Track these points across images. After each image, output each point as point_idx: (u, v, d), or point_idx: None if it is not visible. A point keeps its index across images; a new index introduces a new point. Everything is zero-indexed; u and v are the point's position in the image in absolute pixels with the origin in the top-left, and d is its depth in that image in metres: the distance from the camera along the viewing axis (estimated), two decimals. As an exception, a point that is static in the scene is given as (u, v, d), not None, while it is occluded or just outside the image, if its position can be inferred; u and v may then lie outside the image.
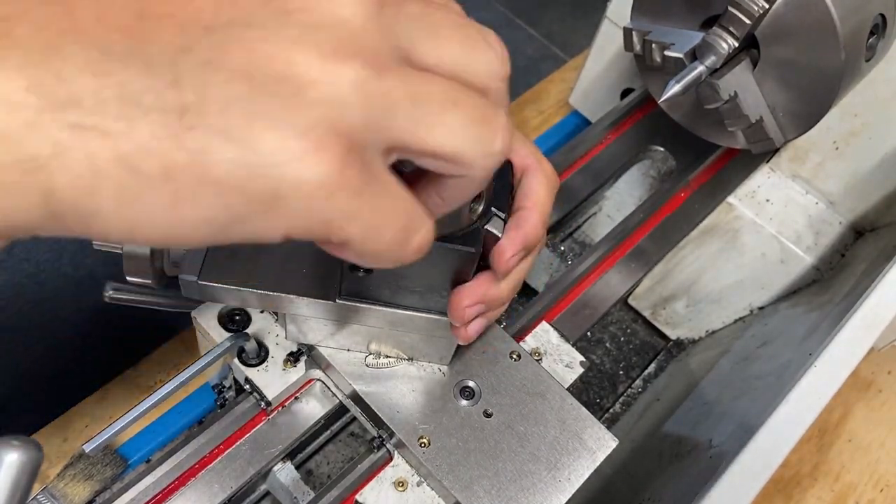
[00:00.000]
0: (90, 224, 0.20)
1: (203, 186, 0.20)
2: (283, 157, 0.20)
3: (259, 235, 0.21)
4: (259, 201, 0.20)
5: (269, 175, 0.20)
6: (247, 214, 0.21)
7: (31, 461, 0.31)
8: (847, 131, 0.61)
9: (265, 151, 0.20)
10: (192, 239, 0.21)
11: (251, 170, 0.20)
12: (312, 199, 0.21)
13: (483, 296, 0.37)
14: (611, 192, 0.72)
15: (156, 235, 0.20)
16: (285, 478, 0.45)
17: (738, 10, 0.44)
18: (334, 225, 0.22)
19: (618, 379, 0.70)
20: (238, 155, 0.20)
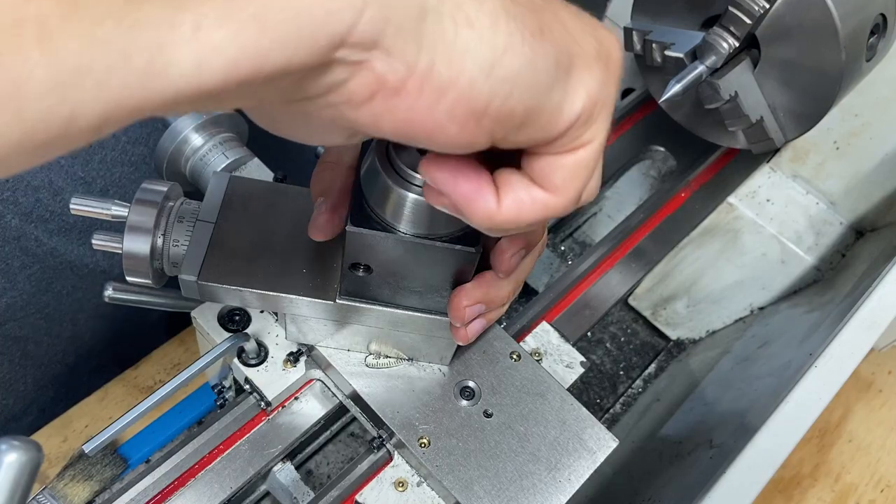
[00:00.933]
0: (460, 32, 0.21)
1: (556, 24, 0.24)
2: (599, 28, 0.26)
3: (573, 89, 0.25)
4: (586, 52, 0.25)
5: (596, 37, 0.25)
6: (574, 64, 0.24)
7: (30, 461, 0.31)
8: (848, 131, 0.61)
9: (585, 20, 0.25)
10: (538, 81, 0.23)
11: (585, 25, 0.25)
12: (611, 68, 0.26)
13: (483, 296, 0.37)
14: (611, 192, 0.72)
15: (519, 60, 0.22)
16: (285, 478, 0.44)
17: (738, 9, 0.44)
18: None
19: (618, 379, 0.70)
20: (575, 15, 0.25)
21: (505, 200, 0.27)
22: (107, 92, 0.17)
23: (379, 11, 0.20)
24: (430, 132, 0.23)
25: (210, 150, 0.49)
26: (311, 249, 0.39)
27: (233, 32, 0.18)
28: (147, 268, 0.40)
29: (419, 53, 0.21)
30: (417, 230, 0.33)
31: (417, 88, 0.22)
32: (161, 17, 0.17)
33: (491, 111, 0.23)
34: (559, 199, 0.27)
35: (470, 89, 0.22)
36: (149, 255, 0.39)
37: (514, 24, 0.22)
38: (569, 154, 0.26)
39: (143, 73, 0.18)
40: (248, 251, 0.39)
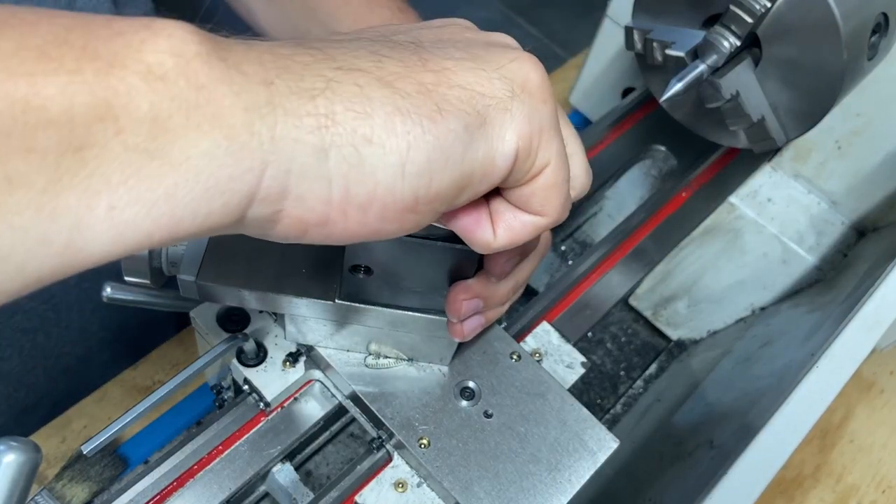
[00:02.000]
0: (363, 153, 0.23)
1: (454, 90, 0.25)
2: (504, 61, 0.26)
3: (498, 137, 0.26)
4: (497, 98, 0.26)
5: (503, 76, 0.26)
6: (489, 115, 0.25)
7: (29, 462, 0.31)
8: (849, 131, 0.61)
9: (488, 60, 0.26)
10: (453, 156, 0.25)
11: (486, 72, 0.26)
12: (534, 94, 0.26)
13: (481, 292, 0.37)
14: (612, 192, 0.71)
15: (426, 150, 0.24)
16: (284, 479, 0.44)
17: (739, 8, 0.44)
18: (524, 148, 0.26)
19: (619, 379, 0.70)
20: (473, 66, 0.26)
21: (498, 230, 0.29)
22: (27, 271, 0.19)
23: (279, 167, 0.22)
24: (375, 234, 0.25)
25: (209, 149, 0.48)
26: (310, 249, 0.39)
27: (146, 209, 0.20)
28: (146, 268, 0.40)
29: (330, 188, 0.23)
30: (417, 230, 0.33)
31: (342, 214, 0.24)
32: (78, 203, 0.19)
33: (421, 200, 0.25)
34: (546, 218, 0.29)
35: (391, 195, 0.24)
36: (147, 255, 0.39)
37: (410, 120, 0.24)
38: (532, 182, 0.28)
39: (62, 253, 0.20)
40: (248, 251, 0.38)
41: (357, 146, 0.23)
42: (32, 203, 0.19)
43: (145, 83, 0.19)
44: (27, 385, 0.61)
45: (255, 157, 0.21)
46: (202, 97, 0.20)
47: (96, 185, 0.19)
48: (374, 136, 0.23)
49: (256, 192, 0.22)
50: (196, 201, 0.21)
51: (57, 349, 0.62)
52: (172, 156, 0.20)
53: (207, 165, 0.21)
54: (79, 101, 0.19)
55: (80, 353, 0.64)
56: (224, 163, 0.21)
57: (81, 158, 0.19)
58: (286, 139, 0.22)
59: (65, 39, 0.19)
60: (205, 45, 0.21)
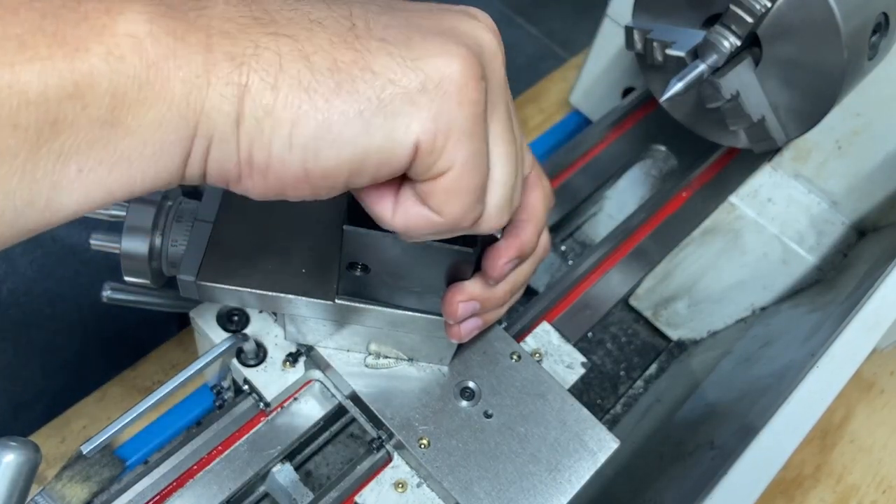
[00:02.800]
0: (262, 124, 0.25)
1: (364, 73, 0.26)
2: (429, 55, 0.27)
3: (398, 127, 0.26)
4: (405, 89, 0.26)
5: (420, 68, 0.26)
6: (393, 105, 0.26)
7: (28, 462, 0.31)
8: (850, 130, 0.61)
9: (416, 49, 0.27)
10: (341, 136, 0.26)
11: (403, 61, 0.26)
12: (449, 94, 0.26)
13: (478, 294, 0.37)
14: (612, 192, 0.71)
15: (312, 126, 0.25)
16: (284, 479, 0.44)
17: (740, 8, 0.44)
18: (455, 124, 0.27)
19: (619, 380, 0.70)
20: (396, 52, 0.26)
21: (397, 211, 0.30)
22: (17, 226, 0.24)
23: (205, 133, 0.25)
24: (282, 195, 0.28)
25: (209, 149, 0.48)
26: (309, 249, 0.39)
27: (107, 170, 0.24)
28: (145, 268, 0.40)
29: (238, 152, 0.26)
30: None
31: (248, 175, 0.27)
32: (53, 168, 0.23)
33: (311, 173, 0.27)
34: (443, 219, 0.29)
35: (282, 163, 0.26)
36: (147, 256, 0.39)
37: (306, 96, 0.25)
38: (434, 181, 0.28)
39: (44, 209, 0.24)
40: (247, 251, 0.38)
41: (259, 118, 0.25)
42: (18, 170, 0.23)
43: (105, 64, 0.23)
44: (23, 380, 0.61)
45: (189, 125, 0.25)
46: (151, 73, 0.24)
47: (68, 151, 0.23)
48: (273, 108, 0.25)
49: (190, 154, 0.26)
50: (146, 162, 0.25)
51: (53, 344, 0.62)
52: (126, 125, 0.24)
53: (153, 133, 0.24)
54: (52, 83, 0.22)
55: (76, 349, 0.64)
56: (166, 131, 0.24)
57: (56, 131, 0.23)
58: (212, 109, 0.25)
59: (39, 27, 0.22)
60: (156, 24, 0.24)
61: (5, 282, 0.56)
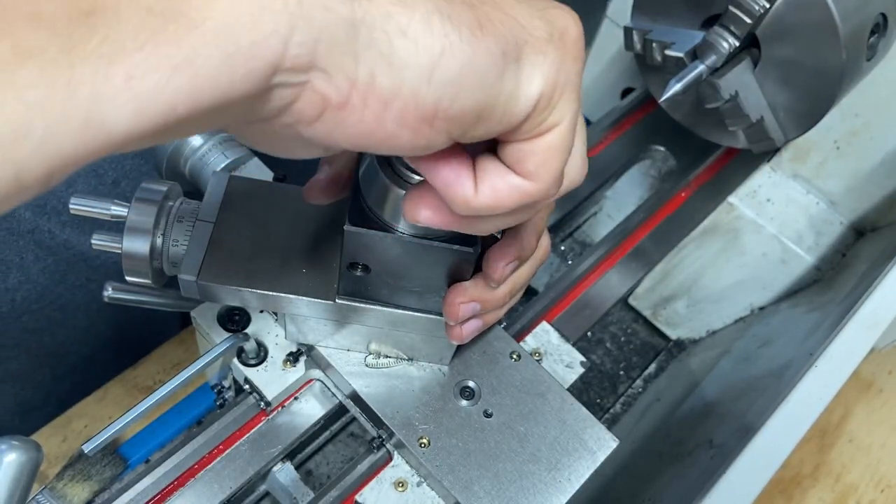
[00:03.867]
0: (395, 43, 0.21)
1: (498, 13, 0.23)
2: (550, 6, 0.25)
3: (526, 76, 0.24)
4: (535, 36, 0.24)
5: (546, 17, 0.25)
6: (524, 51, 0.24)
7: (30, 461, 0.31)
8: (848, 131, 0.61)
9: (538, 2, 0.25)
10: (484, 77, 0.23)
11: (531, 8, 0.25)
12: (569, 47, 0.25)
13: (478, 295, 0.37)
14: (611, 192, 0.71)
15: (459, 60, 0.22)
16: (285, 478, 0.44)
17: (738, 9, 0.44)
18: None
19: (618, 379, 0.70)
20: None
21: (481, 187, 0.27)
22: (49, 150, 0.18)
23: (308, 33, 0.20)
24: (384, 140, 0.24)
25: (209, 149, 0.48)
26: (310, 249, 0.39)
27: (166, 77, 0.19)
28: (147, 268, 0.40)
29: (357, 68, 0.22)
30: (415, 229, 0.33)
31: (362, 102, 0.22)
32: (94, 74, 0.18)
33: (440, 114, 0.23)
34: (536, 185, 0.27)
35: (414, 97, 0.22)
36: (148, 255, 0.39)
37: (450, 25, 0.22)
38: (537, 139, 0.26)
39: (83, 128, 0.18)
40: (248, 251, 0.39)
41: (390, 34, 0.21)
42: (45, 76, 0.17)
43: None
44: (34, 384, 0.61)
45: (281, 20, 0.20)
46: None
47: (111, 52, 0.18)
48: (409, 30, 0.22)
49: (283, 58, 0.20)
50: (217, 68, 0.19)
51: (63, 349, 0.62)
52: (188, 17, 0.19)
53: (227, 27, 0.19)
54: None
55: (86, 353, 0.64)
56: (246, 25, 0.19)
57: (92, 24, 0.18)
58: (315, 5, 0.20)
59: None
60: None
61: (19, 290, 0.56)
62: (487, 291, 0.37)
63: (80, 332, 0.62)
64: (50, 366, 0.62)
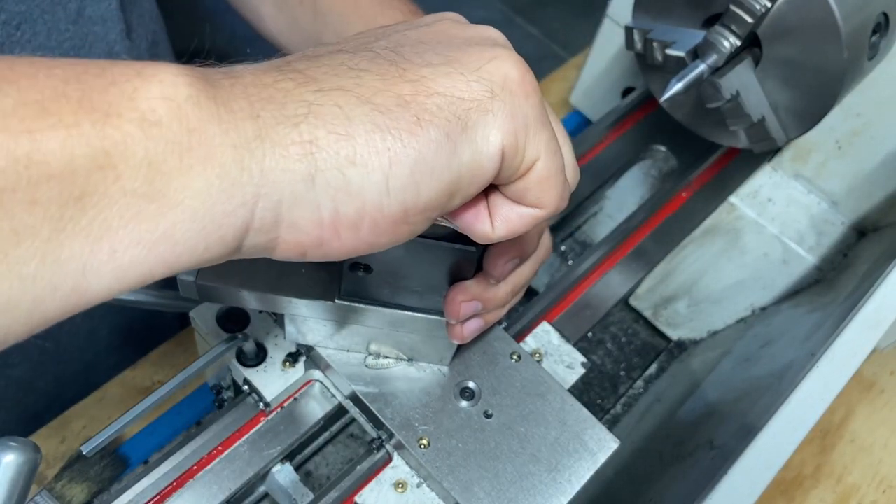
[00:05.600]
0: (348, 174, 0.24)
1: (434, 98, 0.25)
2: (482, 62, 0.26)
3: (481, 138, 0.26)
4: (477, 100, 0.26)
5: (481, 77, 0.26)
6: (471, 118, 0.25)
7: (28, 462, 0.31)
8: (850, 130, 0.61)
9: (465, 62, 0.26)
10: (437, 165, 0.25)
11: (463, 76, 0.26)
12: (515, 91, 0.26)
13: (480, 294, 0.37)
14: (612, 192, 0.71)
15: (408, 164, 0.24)
16: (284, 479, 0.44)
17: (740, 8, 0.44)
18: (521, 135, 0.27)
19: (619, 380, 0.70)
20: (452, 71, 0.26)
21: (496, 222, 0.29)
22: (35, 315, 0.20)
23: (270, 198, 0.23)
24: (371, 248, 0.26)
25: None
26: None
27: (146, 250, 0.21)
28: (145, 268, 0.40)
29: (320, 211, 0.24)
30: (417, 229, 0.33)
31: (335, 234, 0.25)
32: (82, 249, 0.20)
33: (410, 211, 0.25)
34: (543, 210, 0.29)
35: (380, 210, 0.25)
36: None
37: (390, 136, 0.24)
38: (525, 177, 0.28)
39: (69, 296, 0.21)
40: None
41: (341, 168, 0.23)
42: (38, 253, 0.19)
43: (140, 130, 0.20)
44: (36, 391, 0.61)
45: (247, 191, 0.22)
46: (194, 139, 0.21)
47: (98, 230, 0.20)
48: (356, 157, 0.24)
49: (251, 223, 0.23)
50: (194, 238, 0.22)
51: (66, 355, 0.62)
52: (169, 197, 0.21)
53: (202, 204, 0.21)
54: (78, 153, 0.19)
55: (88, 358, 0.64)
56: (218, 199, 0.22)
57: (83, 206, 0.20)
58: (275, 170, 0.23)
59: (62, 92, 0.20)
60: (194, 87, 0.22)
61: None
62: (489, 290, 0.37)
63: (81, 338, 0.62)
64: (53, 372, 0.62)
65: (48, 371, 0.61)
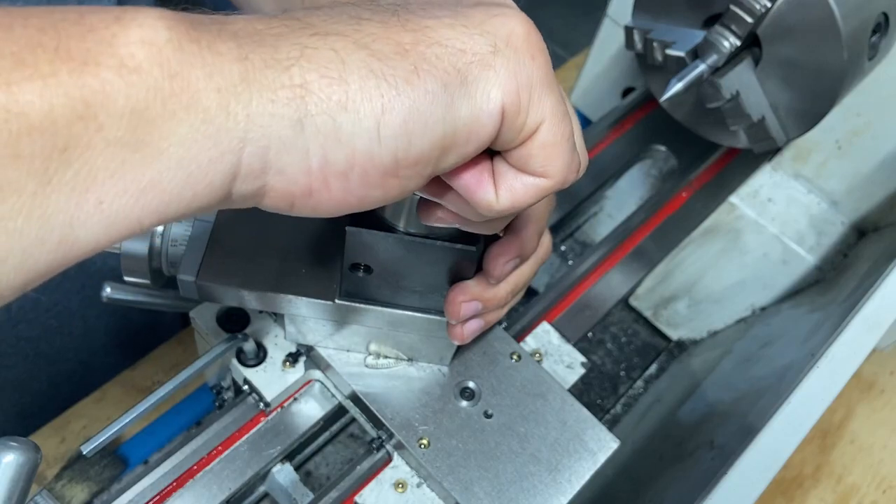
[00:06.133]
0: (338, 120, 0.23)
1: (433, 48, 0.24)
2: (487, 17, 0.25)
3: (481, 94, 0.25)
4: (478, 54, 0.25)
5: (485, 31, 0.25)
6: (471, 73, 0.25)
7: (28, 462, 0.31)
8: (850, 130, 0.61)
9: (471, 17, 0.25)
10: (431, 116, 0.24)
11: (466, 28, 0.25)
12: (520, 49, 0.25)
13: (480, 294, 0.37)
14: (612, 192, 0.71)
15: (401, 112, 0.23)
16: (284, 479, 0.44)
17: (740, 8, 0.44)
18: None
19: (619, 380, 0.70)
20: (455, 23, 0.25)
21: (500, 191, 0.28)
22: (26, 268, 0.20)
23: (258, 143, 0.22)
24: (360, 203, 0.25)
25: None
26: (310, 249, 0.39)
27: (133, 199, 0.21)
28: (145, 268, 0.40)
29: (309, 158, 0.23)
30: (417, 229, 0.33)
31: (323, 183, 0.24)
32: (67, 202, 0.20)
33: (401, 163, 0.24)
34: (549, 180, 0.28)
35: (370, 159, 0.24)
36: (147, 255, 0.39)
37: (385, 83, 0.23)
38: (528, 142, 0.27)
39: (56, 248, 0.20)
40: (247, 251, 0.38)
41: (332, 114, 0.23)
42: (24, 207, 0.19)
43: (119, 77, 0.20)
44: (31, 391, 0.61)
45: (233, 136, 0.22)
46: (176, 84, 0.21)
47: (83, 182, 0.20)
48: (348, 102, 0.23)
49: (238, 170, 0.22)
50: (180, 186, 0.21)
51: (61, 356, 0.62)
52: (153, 145, 0.21)
53: (188, 151, 0.21)
54: (58, 103, 0.19)
55: (83, 358, 0.64)
56: (203, 146, 0.21)
57: (66, 158, 0.19)
58: (262, 115, 0.22)
59: (38, 42, 0.19)
60: (175, 30, 0.21)
61: (15, 299, 0.56)
62: (489, 290, 0.37)
63: (77, 338, 0.62)
64: (48, 373, 0.62)
65: (43, 372, 0.61)
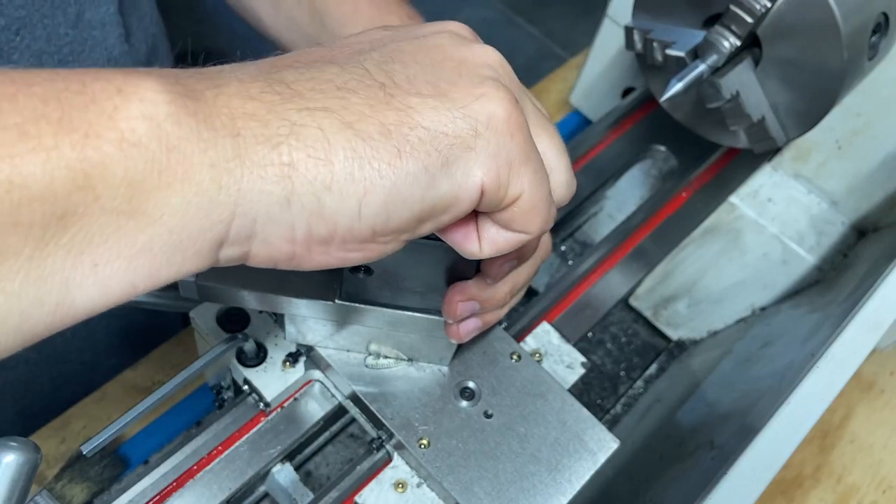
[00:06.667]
0: (322, 199, 0.24)
1: (417, 131, 0.25)
2: (469, 99, 0.26)
3: (461, 174, 0.26)
4: (460, 137, 0.26)
5: (467, 115, 0.26)
6: (452, 154, 0.26)
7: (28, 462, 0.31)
8: (850, 130, 0.61)
9: (453, 96, 0.26)
10: (411, 196, 0.25)
11: (449, 112, 0.26)
12: (500, 130, 0.26)
13: (477, 294, 0.37)
14: (612, 192, 0.71)
15: (382, 193, 0.25)
16: (284, 479, 0.44)
17: (740, 8, 0.44)
18: (515, 163, 0.27)
19: (619, 380, 0.70)
20: (439, 105, 0.26)
21: (483, 243, 0.30)
22: (24, 329, 0.21)
23: (245, 216, 0.23)
24: (342, 262, 0.27)
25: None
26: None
27: (126, 263, 0.22)
28: (145, 268, 0.40)
29: (294, 230, 0.25)
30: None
31: (305, 250, 0.25)
32: (64, 264, 0.21)
33: (379, 233, 0.26)
34: (528, 235, 0.30)
35: (350, 231, 0.25)
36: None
37: (368, 167, 0.24)
38: (509, 209, 0.28)
39: (55, 311, 0.21)
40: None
41: (317, 193, 0.24)
42: (22, 269, 0.20)
43: (120, 150, 0.21)
44: (33, 392, 0.61)
45: (224, 209, 0.23)
46: (173, 158, 0.22)
47: (79, 245, 0.21)
48: (332, 184, 0.24)
49: (226, 238, 0.24)
50: (171, 252, 0.23)
51: (62, 356, 0.62)
52: (147, 213, 0.22)
53: (180, 220, 0.22)
54: (59, 175, 0.20)
55: (86, 359, 0.64)
56: (195, 216, 0.22)
57: (64, 225, 0.20)
58: (252, 191, 0.23)
59: (42, 114, 0.20)
60: (175, 104, 0.22)
61: None
62: (487, 290, 0.37)
63: (78, 339, 0.62)
64: (49, 374, 0.62)
65: (45, 373, 0.61)
